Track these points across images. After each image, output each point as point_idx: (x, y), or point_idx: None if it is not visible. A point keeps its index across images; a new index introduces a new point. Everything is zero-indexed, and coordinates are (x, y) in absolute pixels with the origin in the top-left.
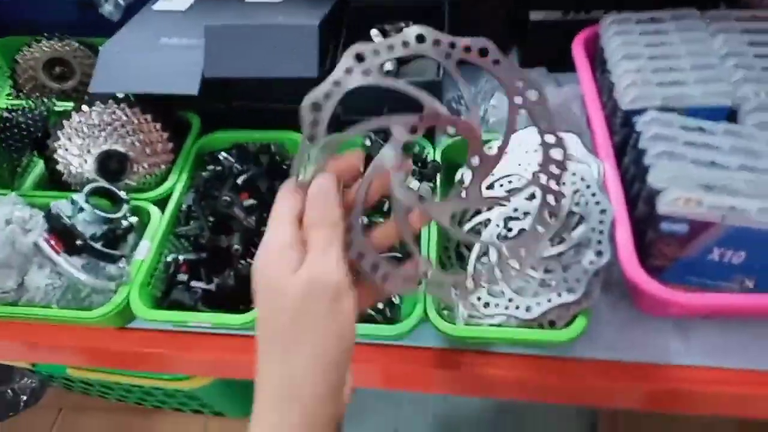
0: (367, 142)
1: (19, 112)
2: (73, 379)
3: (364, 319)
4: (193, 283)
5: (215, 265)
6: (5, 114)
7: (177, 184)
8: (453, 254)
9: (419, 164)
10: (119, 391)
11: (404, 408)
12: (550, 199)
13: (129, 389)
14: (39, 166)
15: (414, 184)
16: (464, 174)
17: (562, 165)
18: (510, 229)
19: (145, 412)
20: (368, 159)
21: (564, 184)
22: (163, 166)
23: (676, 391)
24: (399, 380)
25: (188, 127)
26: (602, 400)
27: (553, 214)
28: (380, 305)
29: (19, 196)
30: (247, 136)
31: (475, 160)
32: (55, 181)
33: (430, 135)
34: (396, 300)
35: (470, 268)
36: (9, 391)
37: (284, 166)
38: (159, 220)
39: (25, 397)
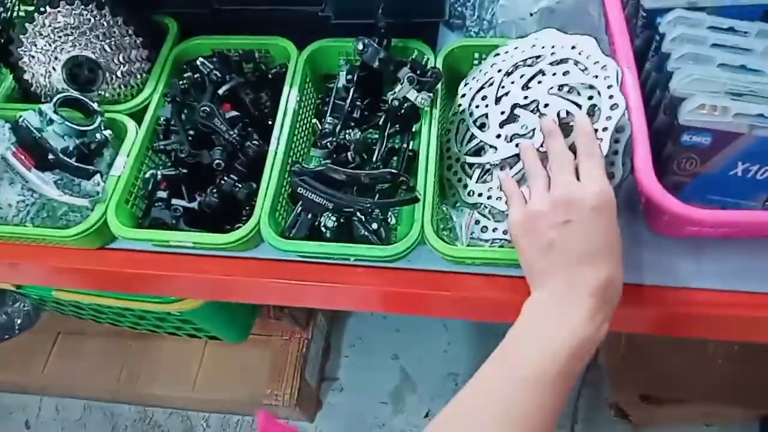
0: (360, 46)
1: None
2: (62, 302)
3: (359, 240)
4: (174, 201)
5: (197, 182)
6: None
7: (153, 95)
8: (459, 169)
9: (418, 72)
10: (111, 315)
11: (402, 334)
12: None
13: (121, 313)
14: (9, 78)
15: (412, 93)
16: (468, 84)
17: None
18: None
19: (142, 336)
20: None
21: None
22: (138, 76)
23: (687, 315)
24: (397, 304)
25: (164, 33)
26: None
27: None
28: (374, 225)
29: None
30: (229, 42)
31: None
32: (25, 93)
33: (430, 37)
34: (391, 220)
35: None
36: (2, 314)
37: (270, 76)
38: (135, 134)
39: (19, 320)
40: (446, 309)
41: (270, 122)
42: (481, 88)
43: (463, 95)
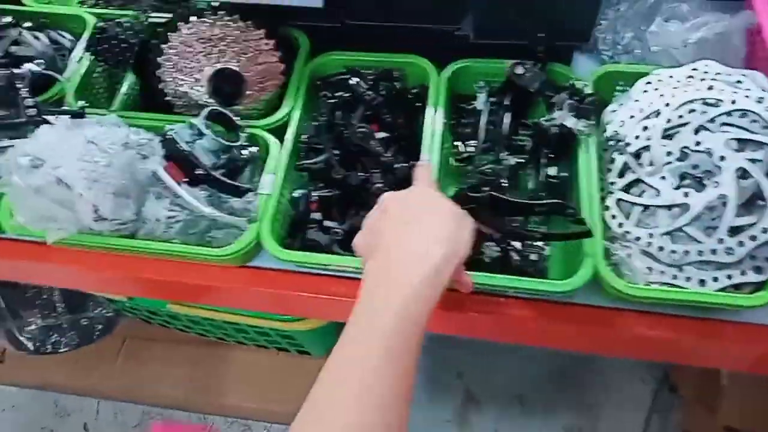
0: (520, 70)
1: (115, 23)
2: (171, 314)
3: (516, 271)
4: (326, 223)
5: (346, 203)
6: (100, 24)
7: (294, 111)
8: (612, 203)
9: (576, 99)
10: (208, 326)
11: (467, 352)
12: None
13: (223, 326)
14: (126, 84)
15: (571, 120)
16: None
17: None
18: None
19: (211, 344)
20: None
21: None
22: (272, 91)
23: None
24: (556, 339)
25: (293, 47)
26: None
27: None
28: (533, 256)
29: (118, 117)
30: (365, 59)
31: None
32: (149, 102)
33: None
34: (545, 251)
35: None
36: (84, 320)
37: (409, 96)
38: (279, 152)
39: (100, 326)
40: (607, 346)
41: (404, 143)
42: (647, 117)
43: (621, 123)
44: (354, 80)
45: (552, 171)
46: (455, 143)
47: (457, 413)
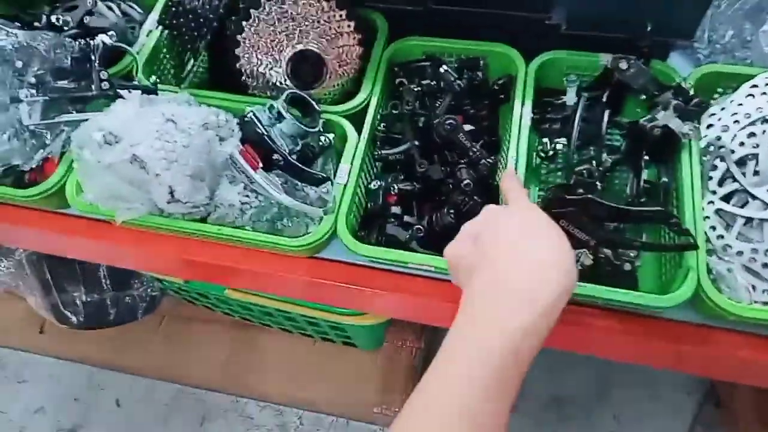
0: (624, 65)
1: None
2: (222, 298)
3: (607, 281)
4: (407, 218)
5: (424, 198)
6: None
7: (372, 97)
8: (711, 213)
9: (681, 99)
10: (257, 312)
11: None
12: None
13: (261, 310)
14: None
15: (675, 122)
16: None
17: None
18: None
19: (249, 327)
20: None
21: None
22: (349, 75)
23: None
24: (643, 355)
25: (371, 30)
26: None
27: None
28: (627, 266)
29: (191, 95)
30: (447, 46)
31: None
32: (218, 80)
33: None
34: (637, 262)
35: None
36: (128, 297)
37: (495, 87)
38: (357, 140)
39: (144, 305)
40: (701, 366)
41: (488, 138)
42: (752, 123)
43: (725, 128)
44: (443, 68)
45: (650, 175)
46: (542, 140)
47: None
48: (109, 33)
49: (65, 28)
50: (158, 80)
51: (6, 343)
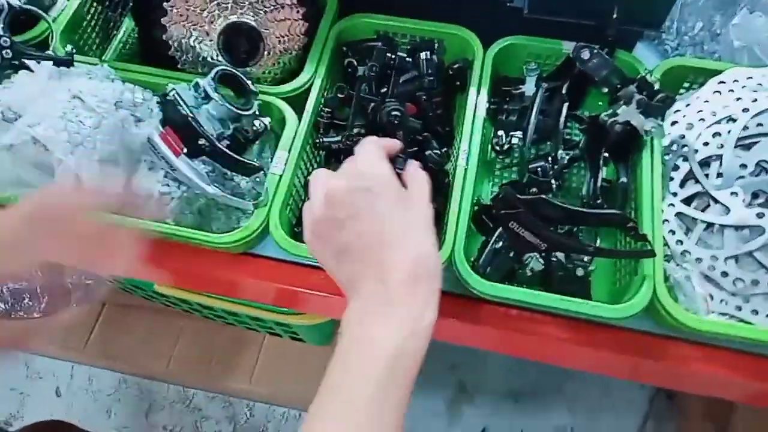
0: (586, 55)
1: None
2: (158, 293)
3: (559, 287)
4: None
5: None
6: None
7: (315, 79)
8: (670, 216)
9: (644, 93)
10: (198, 307)
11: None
12: None
13: (200, 304)
14: (123, 31)
15: (638, 118)
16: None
17: None
18: None
19: (195, 318)
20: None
21: None
22: (291, 53)
23: None
24: (595, 363)
25: (318, 4)
26: None
27: None
28: (580, 271)
29: (111, 69)
30: (400, 25)
31: None
32: (149, 54)
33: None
34: (591, 266)
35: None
36: (60, 285)
37: (450, 72)
38: (297, 125)
39: (78, 295)
40: (654, 377)
41: (441, 129)
42: (718, 122)
43: (689, 126)
44: (393, 53)
45: (609, 174)
46: (497, 132)
47: (449, 405)
48: None
49: None
50: (76, 50)
51: None
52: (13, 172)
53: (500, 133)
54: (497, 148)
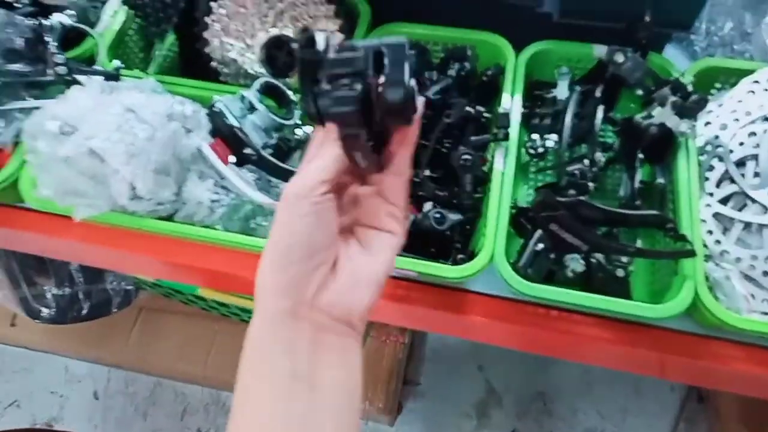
0: (620, 58)
1: None
2: (198, 295)
3: (599, 288)
4: None
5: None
6: None
7: None
8: (707, 216)
9: (678, 95)
10: (235, 309)
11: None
12: None
13: (239, 308)
14: (164, 45)
15: (673, 120)
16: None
17: None
18: None
19: (229, 321)
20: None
21: None
22: None
23: None
24: (635, 364)
25: (353, 15)
26: None
27: None
28: (620, 272)
29: (157, 82)
30: (433, 33)
31: None
32: (190, 67)
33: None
34: (630, 267)
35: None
36: (101, 291)
37: (485, 78)
38: None
39: (118, 299)
40: (695, 377)
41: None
42: (753, 122)
43: (723, 126)
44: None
45: (644, 175)
46: (532, 136)
47: (478, 407)
48: (68, 12)
49: (17, 5)
50: (123, 65)
51: None
52: (69, 182)
53: (534, 136)
54: (531, 151)
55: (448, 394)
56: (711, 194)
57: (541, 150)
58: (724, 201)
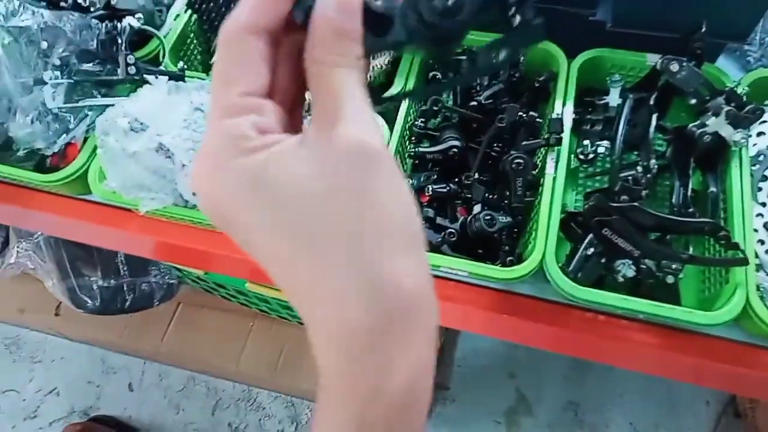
0: (675, 67)
1: None
2: (240, 289)
3: (648, 294)
4: (439, 221)
5: (458, 199)
6: None
7: (406, 86)
8: (759, 226)
9: (733, 105)
10: (255, 300)
11: (520, 352)
12: None
13: (279, 303)
14: None
15: (727, 129)
16: None
17: None
18: None
19: (266, 318)
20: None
21: None
22: (381, 68)
23: None
24: (684, 372)
25: None
26: None
27: None
28: (670, 278)
29: None
30: (485, 40)
31: None
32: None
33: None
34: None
35: None
36: (145, 284)
37: (536, 84)
38: (389, 136)
39: (160, 293)
40: (745, 387)
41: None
42: None
43: None
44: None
45: (695, 183)
46: (583, 142)
47: (508, 415)
48: (137, 15)
49: (92, 9)
50: (185, 65)
51: (21, 323)
52: (135, 176)
53: (585, 142)
54: (581, 157)
55: (478, 400)
56: (763, 204)
57: (591, 156)
58: None
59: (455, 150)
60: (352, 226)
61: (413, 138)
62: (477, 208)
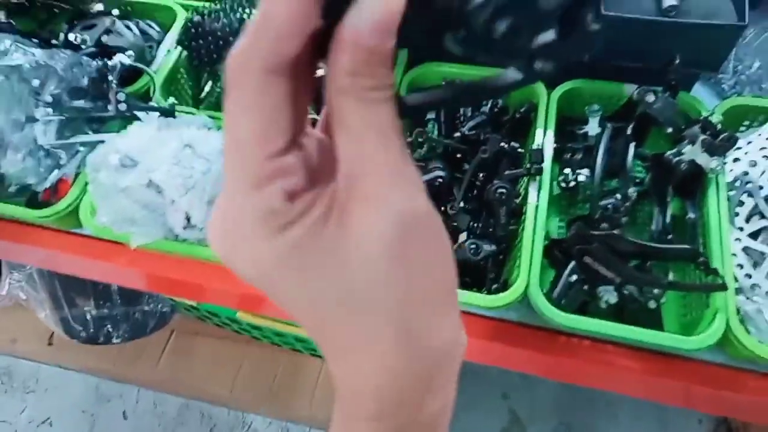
0: (651, 98)
1: (212, 17)
2: (233, 318)
3: (631, 320)
4: None
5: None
6: (195, 18)
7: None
8: (738, 251)
9: (708, 133)
10: (269, 334)
11: (512, 373)
12: None
13: (272, 331)
14: (213, 82)
15: (703, 157)
16: (745, 149)
17: None
18: None
19: (258, 344)
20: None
21: None
22: None
23: None
24: (665, 394)
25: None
26: None
27: None
28: (652, 304)
29: (209, 118)
30: (466, 72)
31: None
32: None
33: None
34: (662, 299)
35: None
36: (138, 313)
37: (517, 115)
38: None
39: (153, 322)
40: (726, 408)
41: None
42: None
43: (753, 163)
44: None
45: (674, 209)
46: (564, 170)
47: None
48: (128, 53)
49: (83, 46)
50: (175, 101)
51: (14, 352)
52: (126, 211)
53: (566, 170)
54: (563, 185)
55: (472, 421)
56: (741, 229)
57: (572, 184)
58: (754, 235)
59: (440, 180)
60: (399, 294)
61: None
62: (462, 237)
